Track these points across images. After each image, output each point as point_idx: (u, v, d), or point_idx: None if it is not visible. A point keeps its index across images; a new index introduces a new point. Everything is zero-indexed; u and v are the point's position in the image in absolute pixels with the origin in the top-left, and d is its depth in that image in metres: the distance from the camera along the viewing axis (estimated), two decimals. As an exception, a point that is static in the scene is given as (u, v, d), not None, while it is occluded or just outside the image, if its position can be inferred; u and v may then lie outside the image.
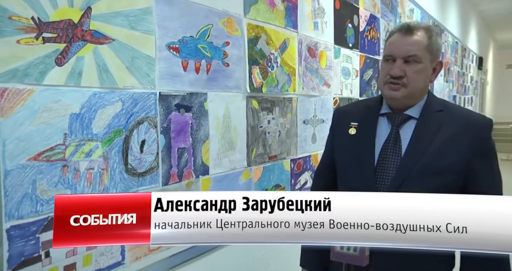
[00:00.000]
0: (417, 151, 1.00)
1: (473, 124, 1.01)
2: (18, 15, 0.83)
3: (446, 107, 1.06)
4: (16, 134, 0.84)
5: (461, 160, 0.98)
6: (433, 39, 1.01)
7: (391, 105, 1.06)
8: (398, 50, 1.00)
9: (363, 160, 1.05)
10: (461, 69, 6.03)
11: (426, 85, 1.05)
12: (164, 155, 1.17)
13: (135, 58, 1.07)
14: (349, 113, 1.16)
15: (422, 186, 0.96)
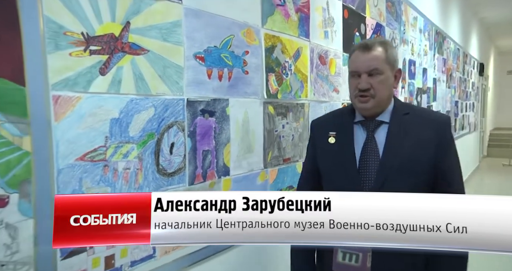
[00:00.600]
0: (393, 153, 1.11)
1: (435, 122, 1.14)
2: (71, 31, 0.92)
3: (411, 109, 1.20)
4: (66, 137, 0.93)
5: (430, 156, 1.10)
6: (389, 52, 1.12)
7: (364, 114, 1.16)
8: (361, 65, 1.11)
9: (346, 164, 1.15)
10: (462, 75, 6.13)
11: (391, 92, 1.16)
12: (191, 156, 1.26)
13: (167, 67, 1.17)
14: (325, 123, 1.27)
15: (402, 183, 1.08)
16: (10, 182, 0.83)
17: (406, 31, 3.39)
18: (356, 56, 1.14)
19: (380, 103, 1.13)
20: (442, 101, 4.73)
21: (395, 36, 3.12)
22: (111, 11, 1.01)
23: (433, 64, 4.30)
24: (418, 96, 3.73)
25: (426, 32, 4.03)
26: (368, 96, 1.10)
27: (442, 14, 4.80)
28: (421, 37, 3.85)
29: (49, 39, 0.88)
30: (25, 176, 0.85)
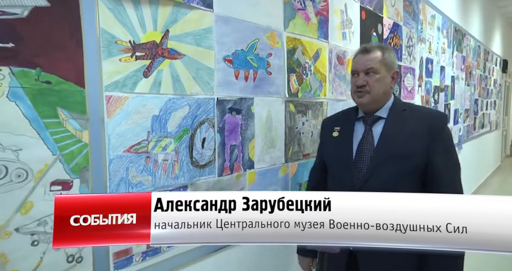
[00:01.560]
0: (387, 143, 1.22)
1: (429, 118, 1.25)
2: (121, 39, 1.06)
3: (409, 107, 1.31)
4: (116, 131, 1.07)
5: (421, 146, 1.19)
6: (386, 54, 1.27)
7: (363, 110, 1.31)
8: (359, 65, 1.27)
9: (343, 155, 1.28)
10: (483, 73, 6.05)
11: (387, 90, 1.28)
12: (220, 150, 1.39)
13: (199, 70, 1.30)
14: (333, 120, 1.44)
15: (392, 169, 1.19)
16: (73, 169, 0.97)
17: (424, 29, 3.43)
18: (356, 58, 1.30)
19: (375, 98, 1.25)
20: (460, 99, 4.71)
21: (412, 35, 3.16)
22: (153, 21, 1.14)
23: (451, 62, 4.29)
24: (435, 94, 3.76)
25: (444, 30, 4.03)
26: (364, 92, 1.25)
27: (462, 11, 4.77)
28: (439, 35, 3.86)
29: (103, 47, 1.02)
30: (84, 164, 1.00)
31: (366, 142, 1.26)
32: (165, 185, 1.20)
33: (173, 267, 1.23)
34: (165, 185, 1.20)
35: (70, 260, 0.97)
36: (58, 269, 0.95)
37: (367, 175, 1.21)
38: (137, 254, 1.14)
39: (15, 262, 0.87)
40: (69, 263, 0.97)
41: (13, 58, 0.85)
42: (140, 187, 1.14)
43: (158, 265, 1.19)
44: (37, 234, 0.91)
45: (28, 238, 0.89)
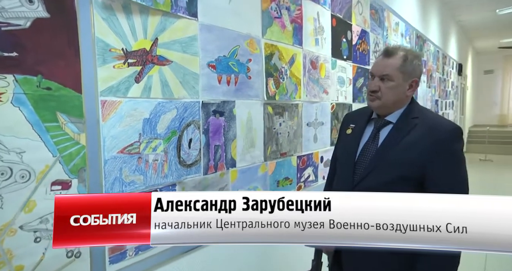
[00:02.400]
0: (388, 147, 1.22)
1: (436, 129, 1.18)
2: (114, 47, 1.13)
3: (422, 114, 1.25)
4: (111, 133, 1.14)
5: (420, 157, 1.15)
6: (407, 62, 1.21)
7: (376, 112, 1.31)
8: (376, 69, 1.25)
9: (348, 153, 1.31)
10: (442, 75, 6.49)
11: (399, 99, 1.23)
12: (205, 151, 1.48)
13: (186, 75, 1.38)
14: (352, 116, 1.47)
15: (386, 174, 1.18)
16: (72, 170, 1.04)
17: (389, 35, 3.67)
18: (377, 60, 1.27)
19: (386, 105, 1.23)
20: (423, 101, 5.05)
21: (379, 41, 3.39)
22: (143, 30, 1.22)
23: (413, 66, 4.60)
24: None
25: (407, 36, 4.32)
26: (375, 97, 1.24)
27: (422, 19, 5.11)
28: (402, 41, 4.14)
29: (98, 55, 1.09)
30: (82, 165, 1.06)
31: (371, 145, 1.26)
32: (155, 183, 1.28)
33: (164, 260, 1.31)
34: (155, 184, 1.28)
35: (70, 255, 1.03)
36: (58, 264, 1.01)
37: (363, 175, 1.23)
38: (130, 249, 1.21)
39: (20, 257, 0.92)
40: (69, 258, 1.03)
41: (17, 66, 0.90)
42: (132, 186, 1.21)
43: (150, 259, 1.27)
44: (40, 231, 0.96)
45: (31, 235, 0.95)
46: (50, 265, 0.99)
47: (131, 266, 1.20)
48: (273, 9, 1.86)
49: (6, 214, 0.89)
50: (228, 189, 1.61)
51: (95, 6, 1.07)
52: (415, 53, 1.26)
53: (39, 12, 0.94)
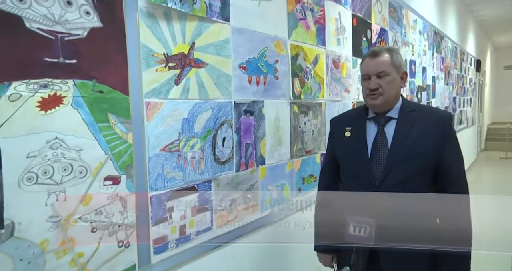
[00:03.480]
0: (400, 143, 1.27)
1: (438, 117, 1.31)
2: (157, 52, 1.21)
3: (417, 107, 1.36)
4: (154, 133, 1.22)
5: (433, 144, 1.26)
6: (394, 56, 1.30)
7: (375, 111, 1.34)
8: (371, 69, 1.29)
9: (359, 154, 1.32)
10: (460, 72, 6.41)
11: (398, 91, 1.33)
12: (237, 148, 1.55)
13: (220, 76, 1.45)
14: (342, 120, 1.47)
15: (407, 168, 1.25)
16: (121, 166, 1.12)
17: (407, 33, 3.67)
18: (366, 62, 1.33)
19: (388, 100, 1.29)
20: (441, 98, 5.02)
21: (397, 39, 3.40)
22: (182, 35, 1.29)
23: (432, 63, 4.58)
24: (418, 93, 4.02)
25: (425, 33, 4.31)
26: (377, 94, 1.28)
27: (439, 15, 5.07)
28: (420, 38, 4.13)
29: (143, 60, 1.17)
30: (129, 162, 1.14)
31: (380, 142, 1.30)
32: (193, 180, 1.36)
33: (201, 252, 1.39)
34: (193, 180, 1.36)
35: (120, 245, 1.12)
36: (111, 252, 1.09)
37: (384, 174, 1.26)
38: (172, 241, 1.29)
39: (81, 245, 1.01)
40: (119, 248, 1.12)
41: (76, 72, 0.99)
42: (173, 182, 1.29)
43: (189, 251, 1.34)
44: (95, 223, 1.05)
45: (89, 226, 1.03)
46: (104, 253, 1.07)
47: (173, 256, 1.28)
48: (298, 11, 1.91)
49: (69, 206, 0.98)
50: (258, 185, 1.68)
51: (140, 14, 1.15)
52: (396, 49, 1.37)
53: (94, 22, 1.02)
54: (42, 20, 0.92)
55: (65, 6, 0.96)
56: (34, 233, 0.91)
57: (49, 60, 0.93)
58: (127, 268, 1.14)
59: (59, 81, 0.96)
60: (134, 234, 1.16)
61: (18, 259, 0.89)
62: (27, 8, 0.89)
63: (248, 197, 1.63)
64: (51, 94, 0.94)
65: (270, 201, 1.78)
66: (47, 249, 0.94)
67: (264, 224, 1.72)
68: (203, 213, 1.41)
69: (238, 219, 1.57)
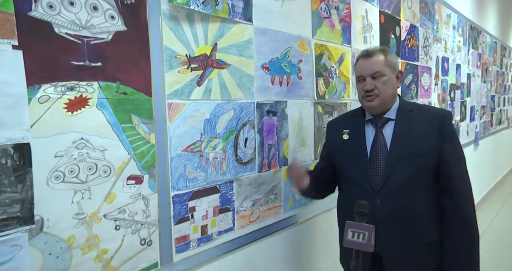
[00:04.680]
0: (399, 143, 1.26)
1: (437, 117, 1.27)
2: (179, 54, 1.23)
3: (415, 107, 1.33)
4: (176, 133, 1.24)
5: (432, 144, 1.24)
6: (388, 57, 1.28)
7: (372, 113, 1.33)
8: (365, 70, 1.28)
9: (358, 157, 1.31)
10: (500, 69, 6.05)
11: (394, 91, 1.31)
12: (259, 149, 1.55)
13: (242, 77, 1.46)
14: (340, 123, 1.46)
15: (407, 169, 1.24)
16: (144, 166, 1.15)
17: (439, 29, 3.52)
18: (360, 63, 1.32)
19: (385, 100, 1.28)
20: (476, 96, 4.76)
21: (428, 35, 3.26)
22: (204, 36, 1.30)
23: (467, 60, 4.36)
24: (451, 92, 3.84)
25: (460, 28, 4.11)
26: (373, 95, 1.27)
27: (477, 8, 4.81)
28: (454, 34, 3.94)
29: (166, 62, 1.19)
30: (152, 162, 1.17)
31: (379, 144, 1.29)
32: (215, 180, 1.37)
33: (223, 252, 1.40)
34: (215, 180, 1.37)
35: (143, 243, 1.15)
36: (134, 250, 1.12)
37: (385, 176, 1.25)
38: (194, 240, 1.30)
39: (105, 242, 1.04)
40: (142, 246, 1.15)
41: (101, 74, 1.02)
42: (195, 182, 1.30)
43: (211, 250, 1.36)
44: (119, 220, 1.08)
45: (112, 223, 1.07)
46: (127, 250, 1.10)
47: (194, 256, 1.30)
48: (323, 10, 1.88)
49: (94, 204, 1.02)
50: (280, 186, 1.67)
51: (163, 17, 1.17)
52: (389, 49, 1.34)
53: (119, 26, 1.05)
54: (70, 26, 0.96)
55: (91, 12, 1.00)
56: (61, 229, 0.95)
57: (76, 63, 0.97)
58: (150, 265, 1.17)
59: (84, 84, 0.99)
60: (156, 232, 1.18)
61: (47, 253, 0.93)
62: (56, 15, 0.93)
63: (270, 198, 1.62)
64: (77, 96, 0.98)
65: (293, 202, 1.76)
66: (73, 244, 0.98)
67: (287, 225, 1.70)
68: (225, 213, 1.41)
69: (261, 220, 1.57)
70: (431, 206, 1.27)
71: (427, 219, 1.27)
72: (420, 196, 1.26)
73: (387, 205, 1.26)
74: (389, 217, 1.26)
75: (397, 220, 1.26)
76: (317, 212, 1.93)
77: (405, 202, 1.25)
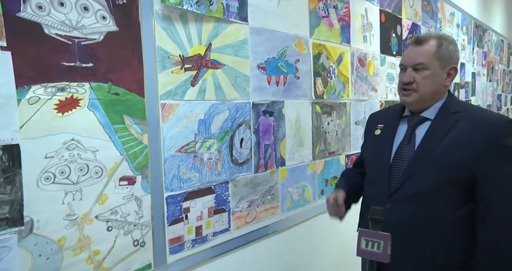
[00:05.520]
0: (428, 148, 1.08)
1: (485, 124, 1.05)
2: (173, 54, 1.22)
3: (463, 108, 1.12)
4: (169, 134, 1.23)
5: (468, 156, 1.03)
6: (443, 47, 1.10)
7: (409, 109, 1.18)
8: (407, 59, 1.13)
9: (381, 156, 1.17)
10: (507, 67, 5.97)
11: (438, 89, 1.12)
12: (255, 150, 1.54)
13: (237, 77, 1.45)
14: (378, 116, 1.33)
15: (429, 178, 1.06)
16: (136, 167, 1.14)
17: (442, 27, 3.47)
18: (407, 50, 1.16)
19: (423, 98, 1.11)
20: (482, 95, 4.70)
21: (432, 34, 3.22)
22: (198, 36, 1.30)
23: (471, 58, 4.30)
24: (455, 91, 3.79)
25: (464, 26, 4.05)
26: (410, 90, 1.11)
27: (482, 6, 4.75)
28: (458, 32, 3.89)
29: (159, 62, 1.18)
30: (145, 163, 1.16)
31: (407, 145, 1.14)
32: (210, 181, 1.36)
33: (218, 253, 1.39)
34: (210, 181, 1.36)
35: (136, 244, 1.14)
36: (126, 251, 1.12)
37: (402, 180, 1.11)
38: (188, 241, 1.30)
39: (97, 243, 1.04)
40: (135, 247, 1.14)
41: (92, 75, 1.02)
42: (189, 183, 1.30)
43: (206, 252, 1.35)
44: (111, 222, 1.08)
45: (104, 225, 1.06)
46: (120, 251, 1.10)
47: (189, 257, 1.29)
48: (321, 9, 1.86)
49: (85, 205, 1.01)
50: (277, 187, 1.66)
51: (156, 17, 1.17)
52: (449, 38, 1.14)
53: (110, 27, 1.05)
54: (60, 26, 0.96)
55: (82, 12, 1.00)
56: (52, 230, 0.95)
57: (67, 64, 0.97)
58: (143, 266, 1.16)
59: (76, 84, 0.99)
60: (149, 233, 1.18)
61: (37, 255, 0.93)
62: (46, 15, 0.93)
63: (267, 199, 1.61)
64: (68, 97, 0.98)
65: (291, 203, 1.75)
66: (64, 246, 0.98)
67: (285, 226, 1.69)
68: (220, 214, 1.41)
69: (257, 221, 1.56)
70: (456, 225, 1.07)
71: (446, 237, 1.07)
72: (442, 210, 1.07)
73: (399, 212, 1.10)
74: (400, 225, 1.08)
75: (405, 231, 1.08)
76: (316, 213, 1.91)
77: (420, 212, 1.08)
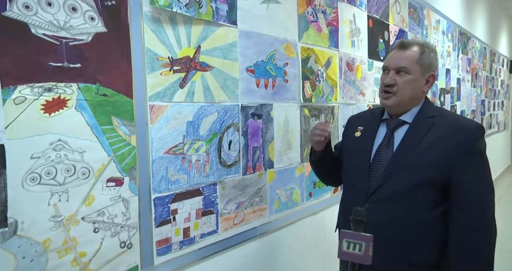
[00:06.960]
0: (405, 150, 1.13)
1: (459, 129, 1.11)
2: (161, 56, 1.23)
3: (439, 113, 1.18)
4: (158, 135, 1.23)
5: (443, 159, 1.07)
6: (425, 54, 1.14)
7: (389, 112, 1.22)
8: (391, 62, 1.16)
9: (360, 158, 1.21)
10: (490, 74, 6.13)
11: (416, 94, 1.17)
12: (244, 152, 1.54)
13: (226, 80, 1.46)
14: (358, 119, 1.36)
15: (406, 180, 1.10)
16: (124, 168, 1.14)
17: (429, 34, 3.55)
18: (391, 53, 1.20)
19: (402, 102, 1.15)
20: (466, 101, 4.81)
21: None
22: (187, 38, 1.31)
23: (456, 65, 4.41)
24: (441, 96, 3.87)
25: (449, 33, 4.15)
26: (391, 93, 1.15)
27: (466, 14, 4.88)
28: (444, 39, 3.98)
29: (147, 64, 1.19)
30: (133, 164, 1.16)
31: (385, 147, 1.18)
32: (198, 182, 1.36)
33: (206, 255, 1.39)
34: (198, 183, 1.36)
35: (123, 246, 1.14)
36: (113, 252, 1.11)
37: (380, 181, 1.14)
38: (176, 243, 1.29)
39: (83, 245, 1.03)
40: (122, 248, 1.14)
41: (80, 76, 1.02)
42: (177, 184, 1.30)
43: (193, 254, 1.35)
44: (97, 223, 1.07)
45: (91, 226, 1.06)
46: (106, 253, 1.09)
47: (176, 258, 1.29)
48: (309, 13, 1.89)
49: (71, 206, 1.01)
50: (266, 189, 1.67)
51: (145, 19, 1.17)
52: (431, 46, 1.20)
53: (99, 28, 1.05)
54: (47, 26, 0.95)
55: (70, 13, 1.00)
56: (36, 232, 0.94)
57: (54, 64, 0.97)
58: (130, 268, 1.16)
59: (63, 85, 0.99)
60: (136, 235, 1.17)
61: (21, 257, 0.92)
62: (33, 15, 0.93)
63: (255, 201, 1.62)
64: (55, 98, 0.97)
65: (279, 205, 1.76)
66: (49, 248, 0.97)
67: (273, 228, 1.70)
68: (208, 216, 1.41)
69: (245, 223, 1.57)
70: (431, 225, 1.11)
71: (421, 236, 1.11)
72: (417, 210, 1.10)
73: (376, 213, 1.12)
74: (378, 225, 1.09)
75: (382, 231, 1.09)
76: (304, 215, 1.93)
77: (397, 213, 1.12)
